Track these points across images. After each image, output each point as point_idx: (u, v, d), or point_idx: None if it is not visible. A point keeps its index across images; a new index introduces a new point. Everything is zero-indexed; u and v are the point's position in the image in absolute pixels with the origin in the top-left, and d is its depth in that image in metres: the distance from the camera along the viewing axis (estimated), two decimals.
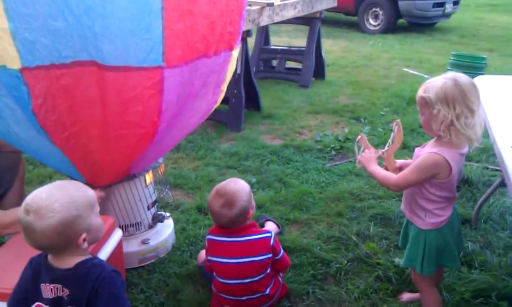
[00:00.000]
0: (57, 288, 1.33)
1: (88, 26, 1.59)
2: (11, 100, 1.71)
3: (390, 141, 1.93)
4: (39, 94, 1.67)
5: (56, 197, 1.29)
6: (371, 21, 9.78)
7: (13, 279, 1.43)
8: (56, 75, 1.66)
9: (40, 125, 1.75)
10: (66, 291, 1.33)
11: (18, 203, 2.32)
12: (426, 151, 1.73)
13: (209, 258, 2.02)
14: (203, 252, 2.30)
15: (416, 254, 1.84)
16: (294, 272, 2.27)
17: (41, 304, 1.35)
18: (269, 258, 1.97)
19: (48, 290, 1.34)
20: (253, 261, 1.95)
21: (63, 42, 1.61)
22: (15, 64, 1.60)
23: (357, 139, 1.98)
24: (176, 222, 2.69)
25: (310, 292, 2.18)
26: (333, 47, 8.17)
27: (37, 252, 1.37)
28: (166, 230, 2.52)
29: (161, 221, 2.52)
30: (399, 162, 1.96)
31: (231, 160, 3.64)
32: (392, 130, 1.95)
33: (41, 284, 1.35)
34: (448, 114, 1.62)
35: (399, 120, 1.94)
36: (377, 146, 2.01)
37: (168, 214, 2.59)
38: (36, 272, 1.38)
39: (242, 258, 1.95)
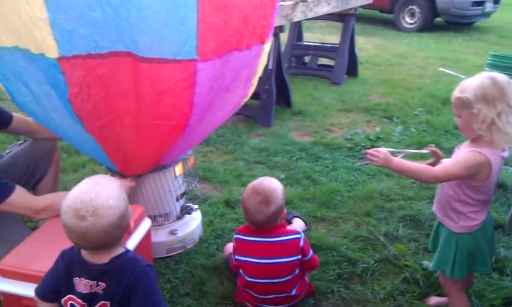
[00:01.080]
0: (91, 284, 1.35)
1: (124, 17, 1.61)
2: (48, 87, 1.76)
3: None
4: (75, 83, 1.71)
5: (105, 194, 1.30)
6: (407, 19, 9.58)
7: (45, 264, 1.47)
8: (92, 65, 1.69)
9: (76, 113, 1.79)
10: (102, 286, 1.35)
11: (52, 190, 2.42)
12: (469, 150, 1.68)
13: (237, 257, 2.01)
14: (229, 245, 2.32)
15: (447, 257, 1.80)
16: (319, 270, 2.26)
17: (74, 297, 1.37)
18: (298, 259, 1.96)
19: (82, 284, 1.36)
20: (282, 262, 1.94)
21: (100, 32, 1.64)
22: (52, 53, 1.64)
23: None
24: (203, 214, 2.71)
25: (334, 291, 2.16)
26: (367, 44, 8.06)
27: (66, 238, 1.38)
28: (193, 222, 2.55)
29: (189, 213, 2.55)
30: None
31: (260, 156, 3.65)
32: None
33: (75, 279, 1.37)
34: (489, 112, 1.58)
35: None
36: (408, 146, 1.96)
37: (196, 206, 2.62)
38: (69, 267, 1.39)
39: (271, 258, 1.94)
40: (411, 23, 9.53)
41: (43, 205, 1.94)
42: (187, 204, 2.57)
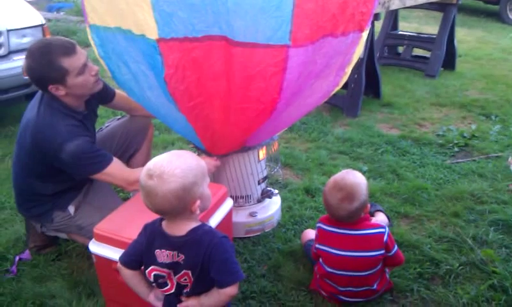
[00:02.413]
0: (172, 254, 1.42)
1: (222, 2, 1.65)
2: (146, 67, 1.86)
3: None
4: (171, 65, 1.79)
5: (176, 164, 1.35)
6: None
7: (135, 232, 1.56)
8: (188, 48, 1.76)
9: (170, 93, 1.88)
10: (182, 257, 1.42)
11: (145, 164, 2.54)
12: None
13: (318, 246, 2.00)
14: (307, 232, 2.33)
15: None
16: (399, 267, 2.19)
17: (158, 267, 1.45)
18: (381, 254, 1.91)
19: (164, 255, 1.43)
20: (365, 256, 1.90)
21: (197, 16, 1.69)
22: (152, 34, 1.73)
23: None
24: (283, 200, 2.74)
25: (414, 290, 2.09)
26: (468, 36, 7.54)
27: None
28: (273, 206, 2.58)
29: (270, 197, 2.59)
30: None
31: (343, 146, 3.59)
32: None
33: (156, 250, 1.44)
34: None
35: None
36: (507, 147, 1.81)
37: (276, 191, 2.65)
38: (151, 240, 1.46)
39: (354, 251, 1.91)
40: None
41: (136, 177, 2.03)
42: (268, 188, 2.61)
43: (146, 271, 1.47)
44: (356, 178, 1.93)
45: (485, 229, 2.50)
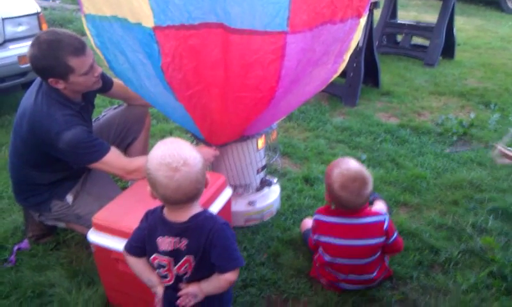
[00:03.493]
0: (175, 241, 1.42)
1: None
2: (143, 56, 1.84)
3: None
4: (168, 53, 1.77)
5: (185, 147, 1.37)
6: None
7: (133, 221, 1.56)
8: (185, 36, 1.74)
9: (167, 81, 1.86)
10: (184, 242, 1.42)
11: (143, 152, 2.56)
12: None
13: (317, 237, 1.99)
14: (307, 221, 2.32)
15: None
16: (399, 255, 2.19)
17: (159, 255, 1.45)
18: (381, 242, 1.92)
19: (166, 242, 1.43)
20: (366, 244, 1.91)
21: (193, 3, 1.67)
22: (149, 22, 1.71)
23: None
24: (282, 189, 2.73)
25: (413, 277, 2.09)
26: (466, 25, 7.52)
27: (154, 200, 1.46)
28: (272, 195, 2.58)
29: (269, 186, 2.58)
30: None
31: (342, 135, 3.58)
32: None
33: (158, 238, 1.44)
34: None
35: None
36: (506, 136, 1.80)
37: (275, 180, 2.65)
38: (152, 227, 1.46)
39: (355, 240, 1.91)
40: None
41: (135, 166, 2.05)
42: (267, 177, 2.60)
43: (150, 259, 1.47)
44: (356, 164, 1.93)
45: (484, 217, 2.51)
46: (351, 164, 1.92)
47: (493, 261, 2.17)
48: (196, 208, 1.45)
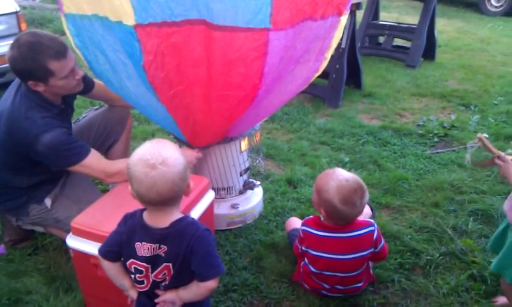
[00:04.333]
0: (153, 247, 1.39)
1: None
2: (124, 56, 1.81)
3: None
4: (150, 51, 1.74)
5: (170, 148, 1.35)
6: (492, 1, 8.95)
7: (113, 225, 1.51)
8: (167, 33, 1.71)
9: (149, 81, 1.83)
10: (164, 249, 1.39)
11: (124, 155, 2.52)
12: None
13: (305, 249, 1.93)
14: (291, 220, 2.32)
15: (510, 262, 1.68)
16: None
17: (136, 261, 1.42)
18: (371, 252, 1.89)
19: (145, 248, 1.40)
20: (357, 257, 1.87)
21: (175, 0, 1.65)
22: (129, 20, 1.67)
23: (472, 143, 1.81)
24: (265, 191, 2.72)
25: (395, 280, 2.10)
26: (447, 26, 7.62)
27: (135, 203, 1.43)
28: (255, 198, 2.56)
29: (251, 189, 2.56)
30: None
31: (325, 136, 3.59)
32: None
33: (136, 243, 1.41)
34: None
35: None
36: (486, 138, 1.82)
37: (258, 183, 2.63)
38: (131, 232, 1.43)
39: (347, 254, 1.86)
40: (496, 7, 8.90)
41: (115, 169, 2.02)
42: (250, 179, 2.59)
43: (127, 263, 1.44)
44: (349, 172, 1.88)
45: (464, 219, 2.53)
46: (345, 175, 1.86)
47: (473, 263, 2.19)
48: (176, 214, 1.42)
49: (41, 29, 2.44)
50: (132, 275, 1.46)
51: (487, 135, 1.77)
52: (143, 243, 1.40)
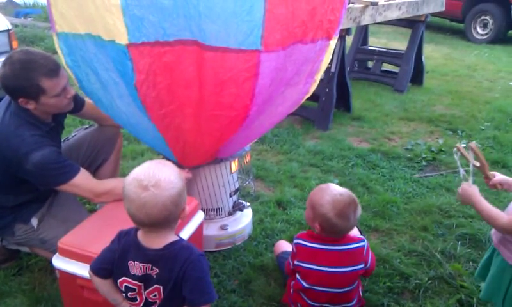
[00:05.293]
0: (146, 267, 1.38)
1: (193, 5, 1.62)
2: (116, 74, 1.80)
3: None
4: (142, 70, 1.74)
5: (167, 171, 1.34)
6: (478, 29, 9.16)
7: (101, 246, 1.50)
8: (159, 53, 1.72)
9: (141, 100, 1.82)
10: (156, 270, 1.37)
11: (113, 174, 2.51)
12: None
13: (298, 263, 1.91)
14: (280, 243, 2.30)
15: (498, 289, 1.68)
16: (370, 281, 2.19)
17: (129, 279, 1.40)
18: (362, 268, 1.88)
19: (137, 267, 1.39)
20: (348, 271, 1.86)
21: (168, 20, 1.65)
22: (122, 39, 1.67)
23: (455, 149, 1.88)
24: (254, 212, 2.71)
25: (384, 304, 2.08)
26: (434, 53, 7.77)
27: (126, 222, 1.42)
28: (244, 219, 2.55)
29: (241, 210, 2.55)
30: (499, 177, 1.82)
31: (315, 159, 3.60)
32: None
33: (129, 262, 1.40)
34: None
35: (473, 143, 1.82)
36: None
37: (247, 204, 2.62)
38: (125, 250, 1.42)
39: (338, 267, 1.85)
40: (482, 34, 9.10)
41: (104, 189, 2.00)
42: (240, 201, 2.58)
43: (118, 281, 1.42)
44: (342, 187, 1.89)
45: (453, 243, 2.54)
46: (339, 189, 1.87)
47: (461, 287, 2.19)
48: (170, 237, 1.41)
49: (32, 47, 2.45)
50: (123, 294, 1.44)
51: (479, 145, 1.83)
52: (136, 262, 1.39)
